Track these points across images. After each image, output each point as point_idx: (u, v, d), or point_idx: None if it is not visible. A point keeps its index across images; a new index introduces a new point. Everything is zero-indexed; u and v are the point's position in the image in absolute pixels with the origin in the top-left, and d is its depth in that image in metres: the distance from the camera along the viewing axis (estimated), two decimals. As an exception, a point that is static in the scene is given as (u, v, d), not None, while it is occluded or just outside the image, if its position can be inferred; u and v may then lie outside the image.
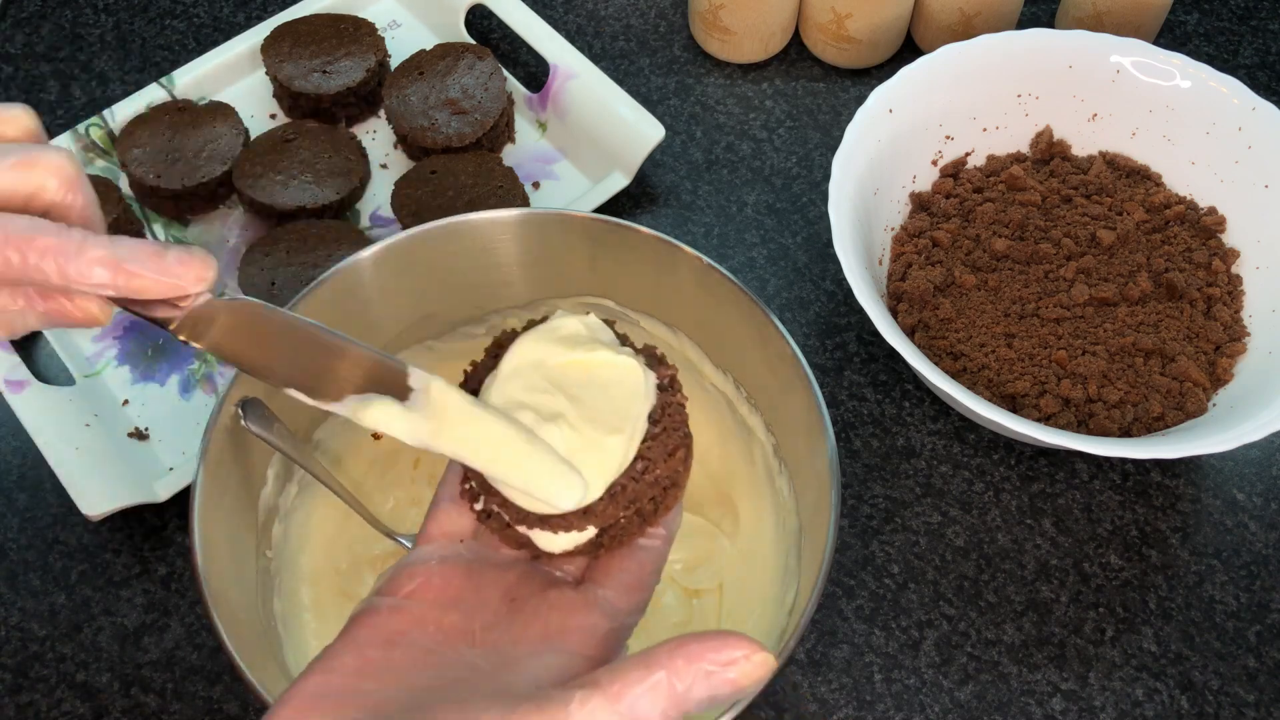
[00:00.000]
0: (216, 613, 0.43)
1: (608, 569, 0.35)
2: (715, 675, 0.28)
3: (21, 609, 0.55)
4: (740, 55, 0.72)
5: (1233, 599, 0.55)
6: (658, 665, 0.28)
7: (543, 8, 0.75)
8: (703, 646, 0.28)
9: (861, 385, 0.61)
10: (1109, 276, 0.59)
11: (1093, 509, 0.58)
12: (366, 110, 0.70)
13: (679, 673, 0.28)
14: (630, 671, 0.28)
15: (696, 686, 0.28)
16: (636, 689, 0.27)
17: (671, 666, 0.28)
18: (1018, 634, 0.54)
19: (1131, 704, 0.53)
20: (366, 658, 0.31)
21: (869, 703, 0.53)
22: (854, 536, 0.57)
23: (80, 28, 0.75)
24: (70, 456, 0.54)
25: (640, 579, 0.35)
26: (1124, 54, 0.61)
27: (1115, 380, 0.56)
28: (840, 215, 0.55)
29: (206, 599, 0.43)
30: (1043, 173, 0.63)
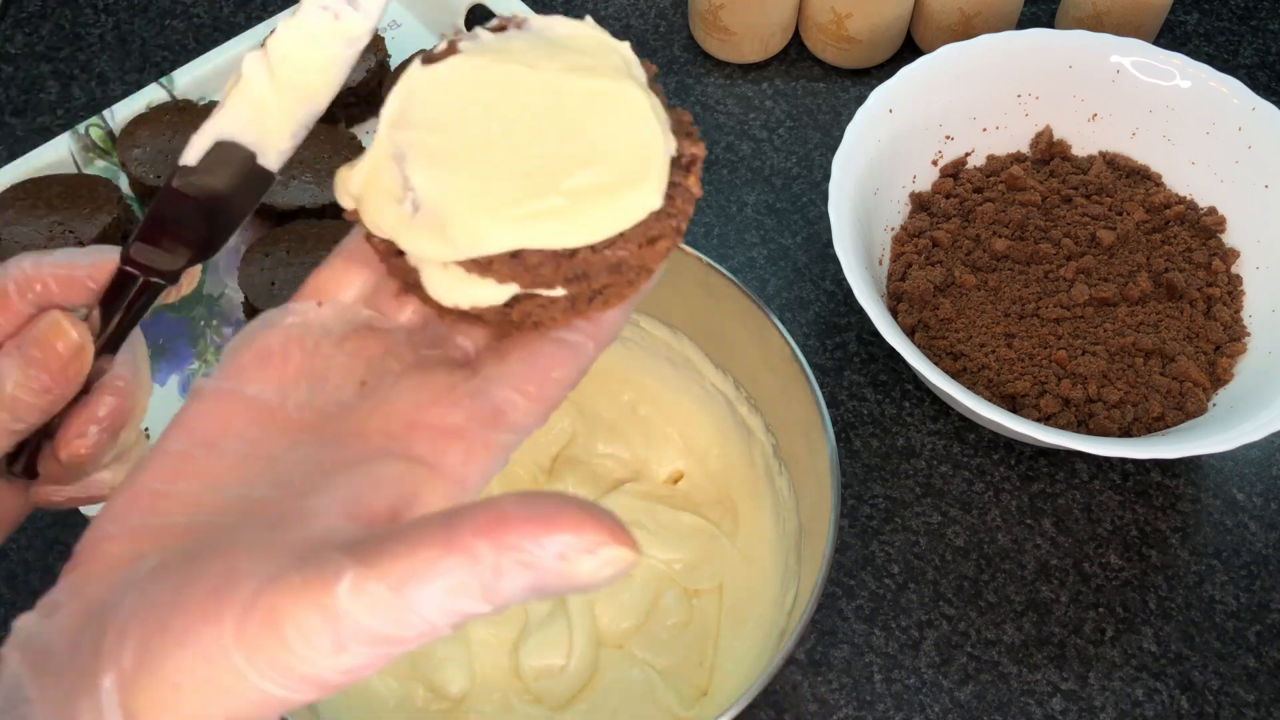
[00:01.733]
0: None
1: (505, 353, 0.27)
2: (536, 567, 0.21)
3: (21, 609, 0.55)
4: (740, 55, 0.72)
5: (1233, 599, 0.55)
6: (458, 546, 0.20)
7: (543, 8, 0.75)
8: (518, 529, 0.20)
9: (861, 385, 0.61)
10: (1109, 276, 0.59)
11: (1093, 509, 0.58)
12: (366, 110, 0.70)
13: (480, 560, 0.20)
14: (422, 548, 0.21)
15: (510, 576, 0.21)
16: (426, 572, 0.20)
17: (471, 551, 0.20)
18: (1018, 634, 0.54)
19: (1131, 704, 0.53)
20: (177, 467, 0.25)
21: (869, 703, 0.53)
22: (854, 536, 0.57)
23: (80, 28, 0.75)
24: (70, 456, 0.54)
25: (542, 378, 0.26)
26: (1124, 54, 0.61)
27: (1115, 380, 0.56)
28: (840, 215, 0.55)
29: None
30: (1043, 173, 0.63)
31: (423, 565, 0.20)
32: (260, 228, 0.65)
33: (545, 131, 0.26)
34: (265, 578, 0.21)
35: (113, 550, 0.24)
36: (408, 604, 0.20)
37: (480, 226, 0.25)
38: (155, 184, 0.63)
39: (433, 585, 0.20)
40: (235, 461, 0.25)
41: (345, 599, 0.20)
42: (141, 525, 0.25)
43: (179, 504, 0.25)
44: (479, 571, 0.20)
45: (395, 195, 0.26)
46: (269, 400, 0.26)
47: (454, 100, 0.27)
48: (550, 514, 0.21)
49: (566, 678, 0.49)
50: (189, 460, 0.26)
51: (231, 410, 0.26)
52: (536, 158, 0.26)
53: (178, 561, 0.23)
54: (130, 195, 0.66)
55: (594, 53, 0.28)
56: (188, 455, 0.26)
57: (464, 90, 0.27)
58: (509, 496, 0.21)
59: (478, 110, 0.26)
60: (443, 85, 0.27)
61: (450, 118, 0.26)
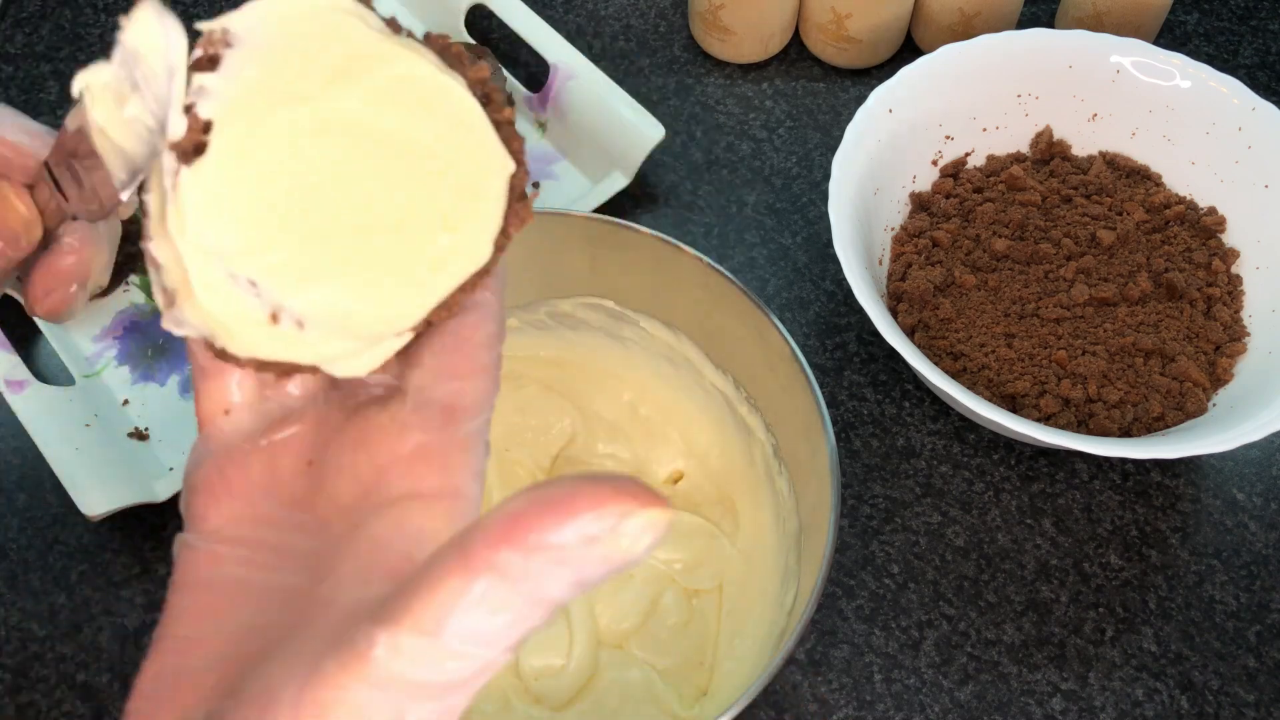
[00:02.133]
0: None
1: (418, 357, 0.25)
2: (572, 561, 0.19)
3: (21, 609, 0.55)
4: (740, 55, 0.72)
5: (1233, 599, 0.55)
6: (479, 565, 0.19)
7: (543, 8, 0.75)
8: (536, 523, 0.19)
9: (861, 385, 0.61)
10: (1109, 276, 0.59)
11: (1093, 509, 0.58)
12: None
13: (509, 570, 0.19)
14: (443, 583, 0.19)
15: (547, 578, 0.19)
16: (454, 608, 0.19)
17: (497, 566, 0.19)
18: (1018, 634, 0.54)
19: (1131, 704, 0.53)
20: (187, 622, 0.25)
21: (869, 703, 0.53)
22: (854, 536, 0.57)
23: (80, 28, 0.75)
24: (70, 456, 0.54)
25: (469, 349, 0.24)
26: (1124, 54, 0.61)
27: (1115, 380, 0.56)
28: (840, 215, 0.55)
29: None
30: (1043, 173, 0.63)
31: (450, 598, 0.19)
32: (260, 228, 0.65)
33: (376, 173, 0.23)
34: (303, 678, 0.20)
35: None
36: (449, 643, 0.19)
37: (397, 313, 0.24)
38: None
39: (468, 615, 0.19)
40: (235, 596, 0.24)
41: (386, 664, 0.19)
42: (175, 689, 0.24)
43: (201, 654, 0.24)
44: (513, 583, 0.19)
45: (260, 320, 0.23)
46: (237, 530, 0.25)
47: (256, 192, 0.22)
48: (564, 498, 0.19)
49: (566, 678, 0.49)
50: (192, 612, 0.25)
51: (209, 554, 0.25)
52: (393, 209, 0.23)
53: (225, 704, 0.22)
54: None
55: (329, 35, 0.23)
56: (190, 608, 0.25)
57: (257, 173, 0.22)
58: (516, 495, 0.19)
59: (291, 190, 0.22)
60: (228, 179, 0.22)
61: (270, 217, 0.23)
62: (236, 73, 0.22)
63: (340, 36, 0.23)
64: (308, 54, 0.22)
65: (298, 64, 0.22)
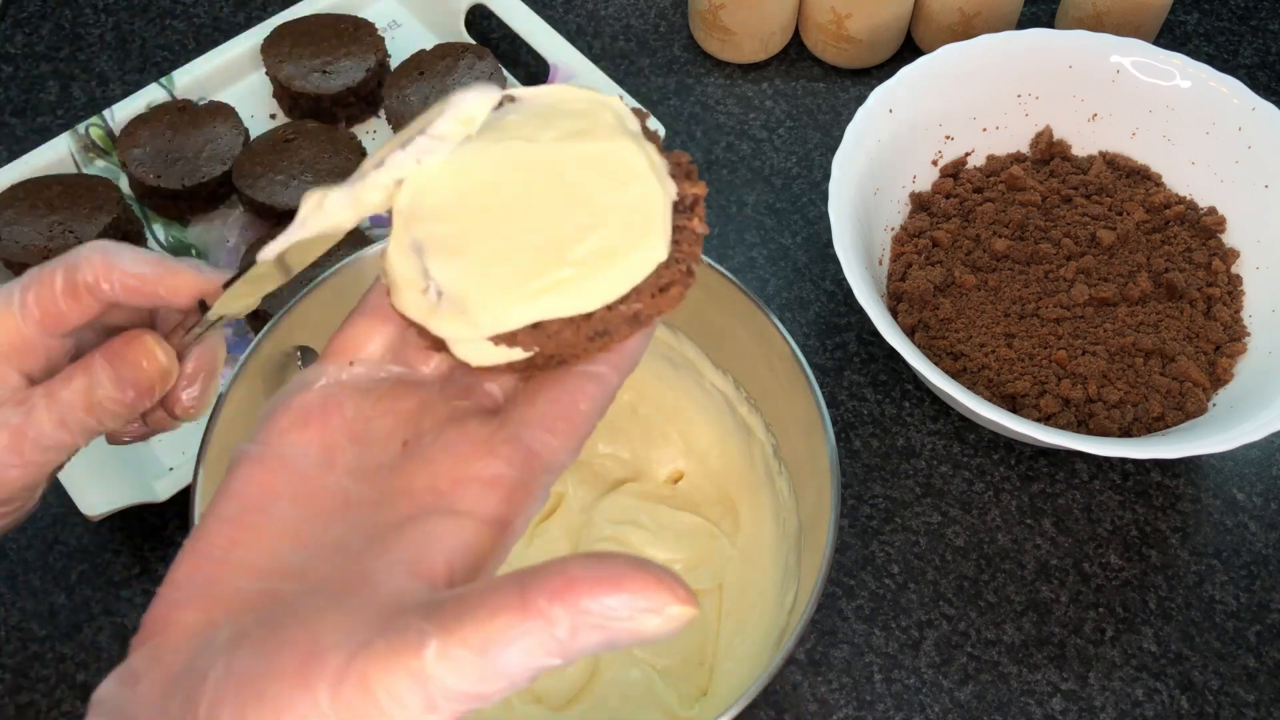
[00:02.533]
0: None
1: (533, 395, 0.28)
2: (609, 629, 0.22)
3: (21, 609, 0.55)
4: (740, 55, 0.72)
5: (1233, 599, 0.55)
6: (534, 611, 0.22)
7: (543, 8, 0.75)
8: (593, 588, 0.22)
9: (861, 385, 0.61)
10: (1109, 276, 0.59)
11: (1093, 509, 0.58)
12: (366, 110, 0.70)
13: (557, 622, 0.22)
14: (501, 611, 0.22)
15: (584, 635, 0.22)
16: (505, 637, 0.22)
17: (549, 615, 0.22)
18: (1018, 634, 0.54)
19: (1131, 704, 0.53)
20: (233, 533, 0.27)
21: (869, 703, 0.53)
22: (854, 536, 0.57)
23: (80, 28, 0.75)
24: (70, 456, 0.54)
25: (570, 414, 0.27)
26: (1124, 54, 0.61)
27: (1115, 380, 0.56)
28: (840, 215, 0.55)
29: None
30: (1043, 173, 0.63)
31: (503, 629, 0.22)
32: (260, 227, 0.66)
33: (548, 203, 0.27)
34: (353, 646, 0.23)
35: (184, 618, 0.26)
36: (491, 665, 0.22)
37: (499, 308, 0.27)
38: (155, 184, 0.64)
39: (513, 648, 0.22)
40: (289, 526, 0.27)
41: (433, 664, 0.22)
42: (208, 593, 0.26)
43: (242, 571, 0.26)
44: (555, 632, 0.22)
45: (418, 285, 0.27)
46: (313, 463, 0.28)
47: (460, 185, 0.28)
48: (617, 576, 0.22)
49: (566, 678, 0.50)
50: (243, 526, 0.27)
51: (276, 474, 0.28)
52: (543, 231, 0.27)
53: (257, 631, 0.24)
54: (130, 195, 0.66)
55: (586, 114, 0.29)
56: (240, 521, 0.27)
57: (468, 174, 0.28)
58: (576, 559, 0.23)
59: (483, 192, 0.28)
60: (448, 172, 0.28)
61: (458, 204, 0.28)
62: (501, 115, 0.29)
63: (588, 116, 0.29)
64: (555, 119, 0.28)
65: (544, 122, 0.28)
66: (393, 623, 0.23)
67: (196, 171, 0.64)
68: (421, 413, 0.28)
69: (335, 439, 0.28)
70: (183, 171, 0.64)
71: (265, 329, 0.48)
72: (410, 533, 0.26)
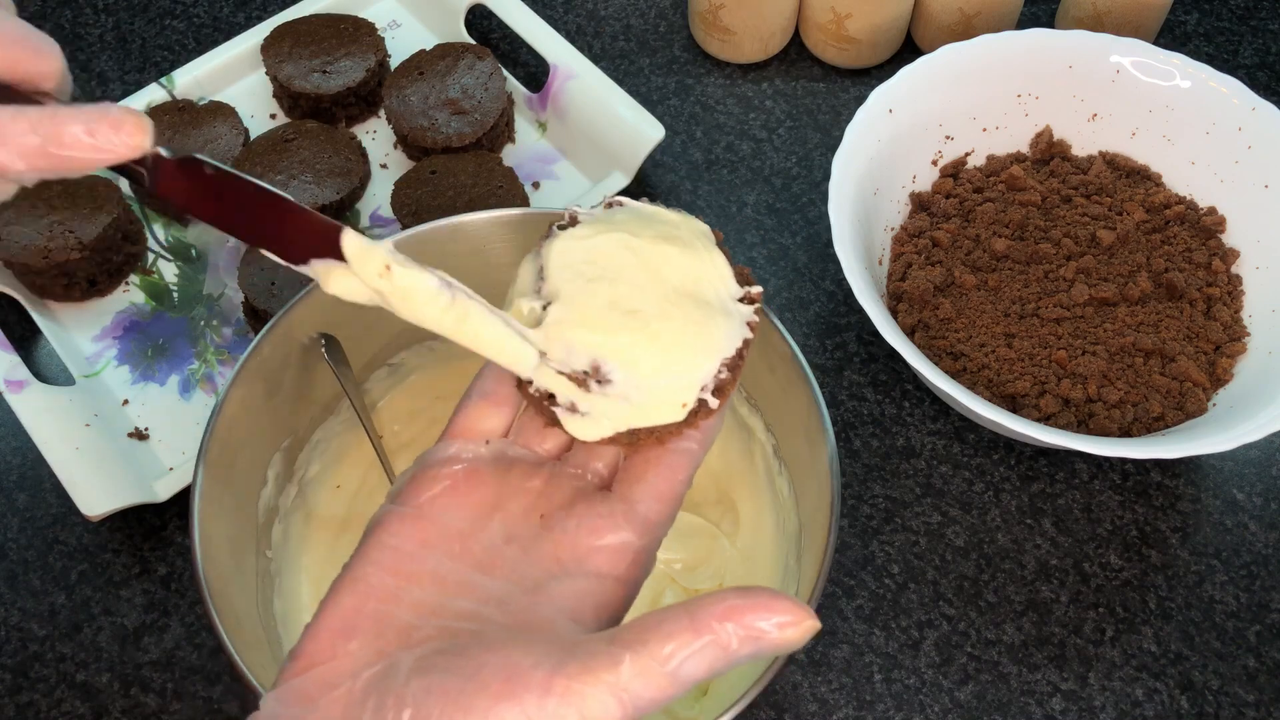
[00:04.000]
0: (216, 613, 0.43)
1: (639, 473, 0.34)
2: (760, 640, 0.27)
3: (21, 609, 0.55)
4: (740, 55, 0.72)
5: (1233, 599, 0.55)
6: (706, 628, 0.27)
7: (543, 8, 0.75)
8: (752, 610, 0.27)
9: (861, 385, 0.61)
10: (1109, 276, 0.59)
11: (1093, 509, 0.58)
12: (366, 110, 0.70)
13: (728, 635, 0.27)
14: (678, 632, 0.27)
15: (743, 647, 0.27)
16: (685, 651, 0.27)
17: (721, 630, 0.27)
18: (1018, 634, 0.54)
19: (1131, 704, 0.53)
20: (397, 578, 0.31)
21: (869, 703, 0.53)
22: (854, 536, 0.57)
23: (80, 28, 0.75)
24: (70, 456, 0.54)
25: (672, 486, 0.34)
26: (1124, 54, 0.61)
27: (1115, 380, 0.56)
28: (840, 215, 0.55)
29: (206, 599, 0.43)
30: (1043, 173, 0.63)
31: (682, 645, 0.27)
32: (260, 228, 0.65)
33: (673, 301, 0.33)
34: (551, 665, 0.27)
35: (353, 649, 0.29)
36: (674, 674, 0.27)
37: (669, 403, 0.33)
38: (155, 184, 0.63)
39: (687, 659, 0.27)
40: (449, 576, 0.31)
41: (628, 676, 0.27)
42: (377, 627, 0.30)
43: (409, 609, 0.30)
44: (726, 645, 0.27)
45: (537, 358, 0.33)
46: (463, 525, 0.32)
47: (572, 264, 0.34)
48: (767, 602, 0.27)
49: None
50: (402, 572, 0.31)
51: (428, 531, 0.32)
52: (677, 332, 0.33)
53: (446, 658, 0.28)
54: (130, 195, 0.66)
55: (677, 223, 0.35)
56: (399, 568, 0.31)
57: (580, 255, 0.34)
58: (731, 591, 0.28)
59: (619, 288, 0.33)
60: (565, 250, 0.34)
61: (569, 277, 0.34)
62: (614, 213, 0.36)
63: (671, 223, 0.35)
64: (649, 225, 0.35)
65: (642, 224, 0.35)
66: (579, 649, 0.27)
67: (196, 171, 0.64)
68: (550, 488, 0.33)
69: (481, 506, 0.33)
70: (183, 171, 0.64)
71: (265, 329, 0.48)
72: (560, 589, 0.31)
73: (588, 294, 0.33)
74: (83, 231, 0.61)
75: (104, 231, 0.61)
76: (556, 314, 0.33)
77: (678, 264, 0.34)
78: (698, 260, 0.34)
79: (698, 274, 0.34)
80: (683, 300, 0.33)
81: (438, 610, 0.30)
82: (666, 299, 0.33)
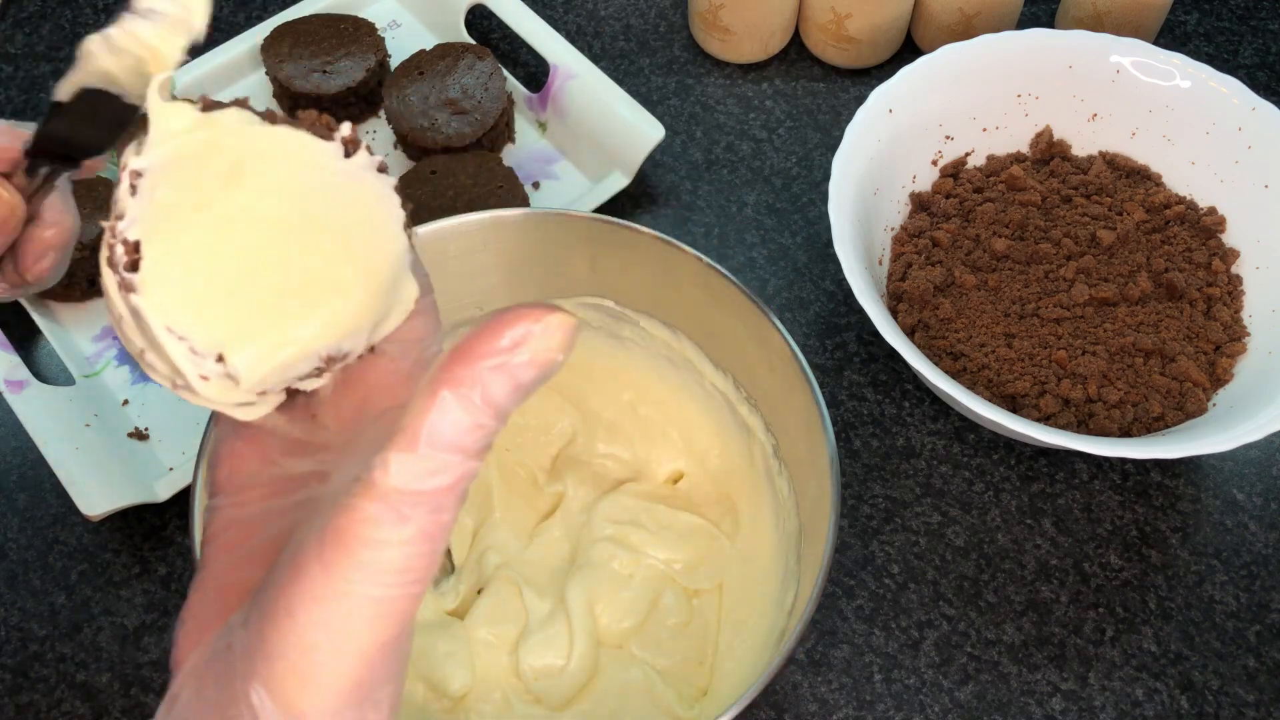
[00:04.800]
0: (216, 613, 0.43)
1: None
2: (506, 365, 0.24)
3: (21, 609, 0.55)
4: (740, 55, 0.72)
5: (1233, 599, 0.55)
6: (438, 384, 0.23)
7: (543, 8, 0.75)
8: (476, 341, 0.24)
9: (861, 385, 0.61)
10: (1109, 276, 0.59)
11: (1093, 509, 0.58)
12: (366, 110, 0.70)
13: (462, 381, 0.23)
14: (415, 407, 0.24)
15: (492, 386, 0.24)
16: (424, 422, 0.23)
17: (452, 378, 0.23)
18: (1018, 634, 0.54)
19: (1131, 704, 0.53)
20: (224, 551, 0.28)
21: (869, 703, 0.53)
22: (854, 536, 0.57)
23: (80, 28, 0.75)
24: (70, 456, 0.54)
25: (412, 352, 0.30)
26: (1124, 54, 0.61)
27: (1115, 380, 0.56)
28: (840, 215, 0.55)
29: (206, 599, 0.43)
30: (1043, 173, 0.63)
31: (422, 416, 0.23)
32: (260, 228, 0.65)
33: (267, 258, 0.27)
34: (322, 530, 0.24)
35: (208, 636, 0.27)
36: (430, 453, 0.23)
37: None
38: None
39: (437, 426, 0.23)
40: (260, 519, 0.28)
41: (381, 482, 0.23)
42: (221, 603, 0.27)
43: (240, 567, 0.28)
44: (467, 391, 0.23)
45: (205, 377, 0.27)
46: (257, 476, 0.29)
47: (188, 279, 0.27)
48: (495, 320, 0.24)
49: (566, 678, 0.49)
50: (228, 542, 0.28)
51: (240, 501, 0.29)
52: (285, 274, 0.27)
53: (260, 587, 0.25)
54: (130, 195, 0.66)
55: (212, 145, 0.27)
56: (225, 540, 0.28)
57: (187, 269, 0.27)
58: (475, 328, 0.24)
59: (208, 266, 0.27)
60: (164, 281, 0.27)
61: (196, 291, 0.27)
62: (150, 196, 0.27)
63: (221, 145, 0.27)
64: (200, 167, 0.27)
65: (193, 177, 0.27)
66: (341, 493, 0.24)
67: (196, 171, 0.64)
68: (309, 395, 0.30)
69: (263, 445, 0.30)
70: (183, 171, 0.64)
71: (265, 329, 0.48)
72: (351, 452, 0.27)
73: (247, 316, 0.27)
74: (84, 231, 0.61)
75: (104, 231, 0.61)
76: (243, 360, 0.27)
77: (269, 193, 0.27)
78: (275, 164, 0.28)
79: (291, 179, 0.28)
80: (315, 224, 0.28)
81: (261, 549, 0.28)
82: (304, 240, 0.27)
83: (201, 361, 0.26)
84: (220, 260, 0.27)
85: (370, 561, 0.23)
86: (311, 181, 0.28)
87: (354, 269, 0.28)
